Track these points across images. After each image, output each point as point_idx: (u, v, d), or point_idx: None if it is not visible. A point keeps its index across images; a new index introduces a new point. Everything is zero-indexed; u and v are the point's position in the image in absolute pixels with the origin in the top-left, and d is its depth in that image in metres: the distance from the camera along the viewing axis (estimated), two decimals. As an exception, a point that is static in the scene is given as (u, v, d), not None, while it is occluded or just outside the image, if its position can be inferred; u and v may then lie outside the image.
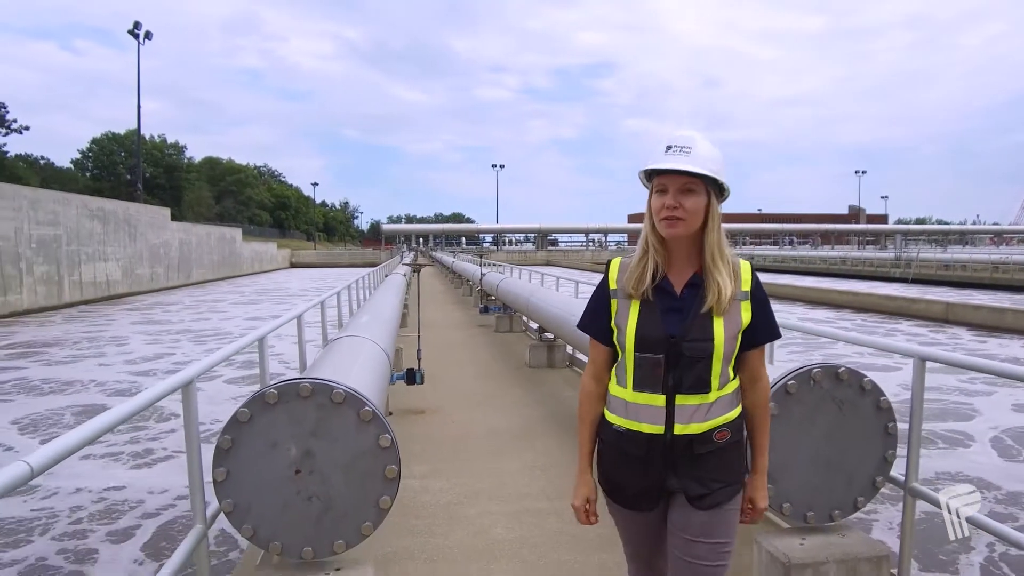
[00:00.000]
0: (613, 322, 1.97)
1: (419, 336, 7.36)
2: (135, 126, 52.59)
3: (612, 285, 1.99)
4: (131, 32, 44.37)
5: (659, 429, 1.88)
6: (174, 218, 44.42)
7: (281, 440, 2.69)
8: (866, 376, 3.11)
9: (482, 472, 5.22)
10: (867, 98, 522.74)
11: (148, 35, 45.51)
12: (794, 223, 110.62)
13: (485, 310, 14.76)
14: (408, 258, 34.75)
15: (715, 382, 1.88)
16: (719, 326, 1.86)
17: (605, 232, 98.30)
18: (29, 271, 25.87)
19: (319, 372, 3.23)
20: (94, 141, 73.66)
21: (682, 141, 1.86)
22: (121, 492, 6.80)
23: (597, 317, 2.02)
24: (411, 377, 6.49)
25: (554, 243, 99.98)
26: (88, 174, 71.30)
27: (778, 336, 2.02)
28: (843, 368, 3.08)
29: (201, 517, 2.69)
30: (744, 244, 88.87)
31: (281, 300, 31.13)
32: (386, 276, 15.88)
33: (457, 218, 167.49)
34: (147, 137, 69.33)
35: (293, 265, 71.93)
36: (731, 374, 1.93)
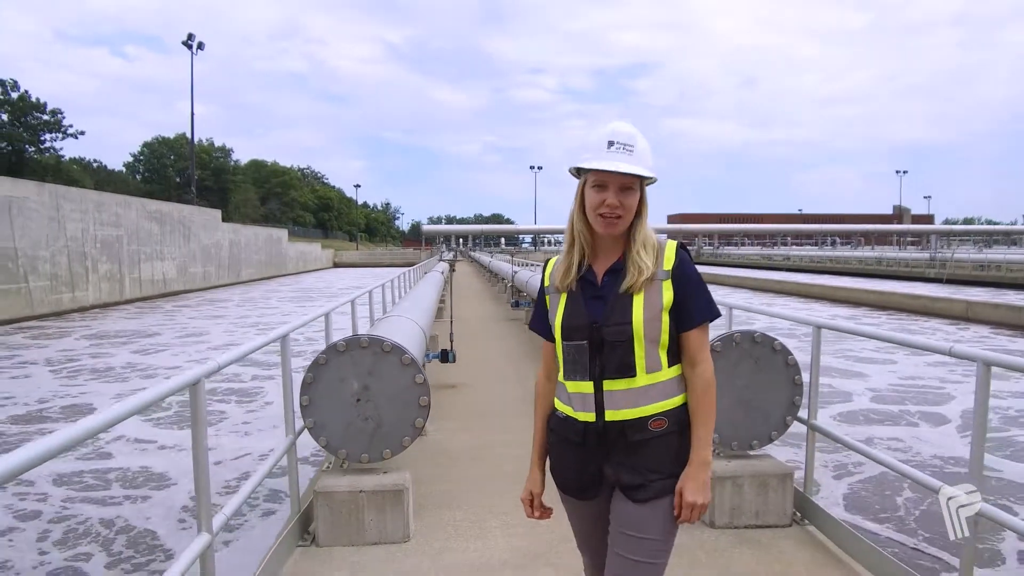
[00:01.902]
0: (549, 317, 2.03)
1: (451, 320, 8.52)
2: (184, 130, 55.34)
3: (546, 282, 2.07)
4: (185, 43, 46.66)
5: (591, 417, 1.91)
6: (223, 219, 46.41)
7: (346, 377, 3.85)
8: (777, 339, 4.15)
9: (500, 429, 6.34)
10: (912, 96, 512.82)
11: (200, 45, 47.73)
12: (836, 223, 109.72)
13: (516, 304, 15.84)
14: (447, 256, 36.14)
15: (640, 365, 1.88)
16: (638, 308, 1.87)
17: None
18: (94, 269, 27.78)
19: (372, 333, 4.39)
20: (145, 145, 76.58)
21: (624, 138, 1.87)
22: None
23: (540, 315, 2.09)
24: (445, 356, 7.63)
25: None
26: (139, 176, 74.18)
27: (714, 316, 1.98)
28: (758, 333, 4.13)
29: (291, 429, 3.85)
30: (785, 244, 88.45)
31: (333, 296, 32.68)
32: (425, 273, 17.11)
33: (496, 219, 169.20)
34: (196, 140, 71.93)
35: (336, 265, 74.02)
36: (664, 359, 1.91)
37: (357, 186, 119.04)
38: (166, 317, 24.04)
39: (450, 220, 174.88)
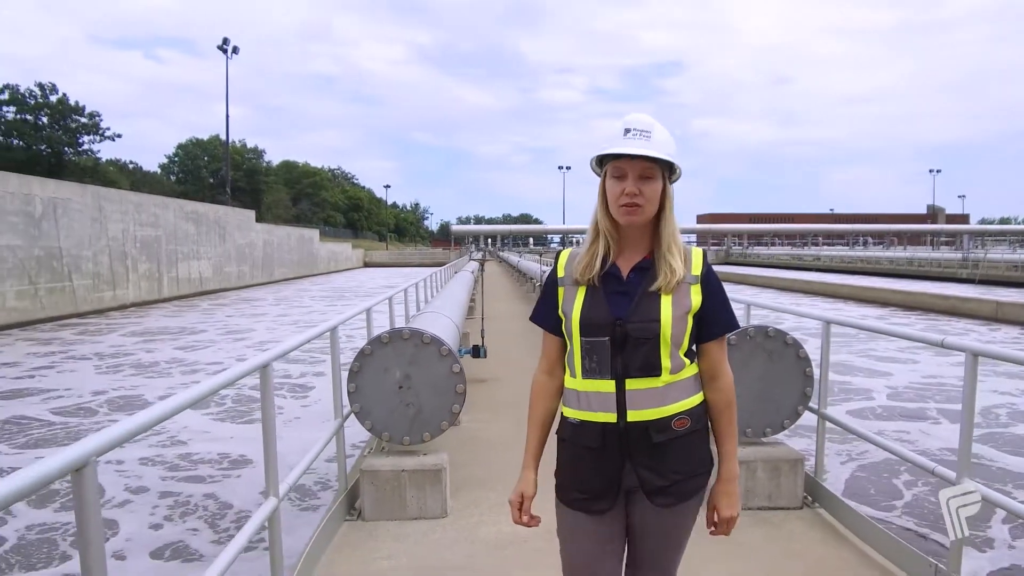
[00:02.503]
0: (560, 310, 1.96)
1: (483, 317, 8.88)
2: (216, 131, 56.43)
3: (560, 273, 1.99)
4: (220, 48, 47.62)
5: (612, 417, 1.84)
6: (256, 220, 47.33)
7: (390, 367, 4.21)
8: (789, 334, 4.44)
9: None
10: (945, 94, 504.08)
11: (235, 50, 48.67)
12: (869, 223, 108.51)
13: (544, 304, 16.18)
14: (477, 256, 36.73)
15: (665, 364, 1.84)
16: (666, 306, 1.83)
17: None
18: (134, 268, 28.62)
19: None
20: (179, 146, 78.05)
21: (641, 125, 1.83)
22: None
23: (546, 307, 2.02)
24: (476, 352, 7.98)
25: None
26: (173, 177, 75.65)
27: (734, 328, 1.97)
28: (771, 328, 4.42)
29: (339, 413, 4.22)
30: (816, 244, 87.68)
31: (365, 295, 33.30)
32: (455, 273, 17.51)
33: (525, 219, 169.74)
34: (229, 142, 73.11)
35: (366, 264, 74.94)
36: (685, 360, 1.88)
37: (387, 186, 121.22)
38: (205, 315, 24.72)
39: (479, 220, 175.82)
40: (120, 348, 16.51)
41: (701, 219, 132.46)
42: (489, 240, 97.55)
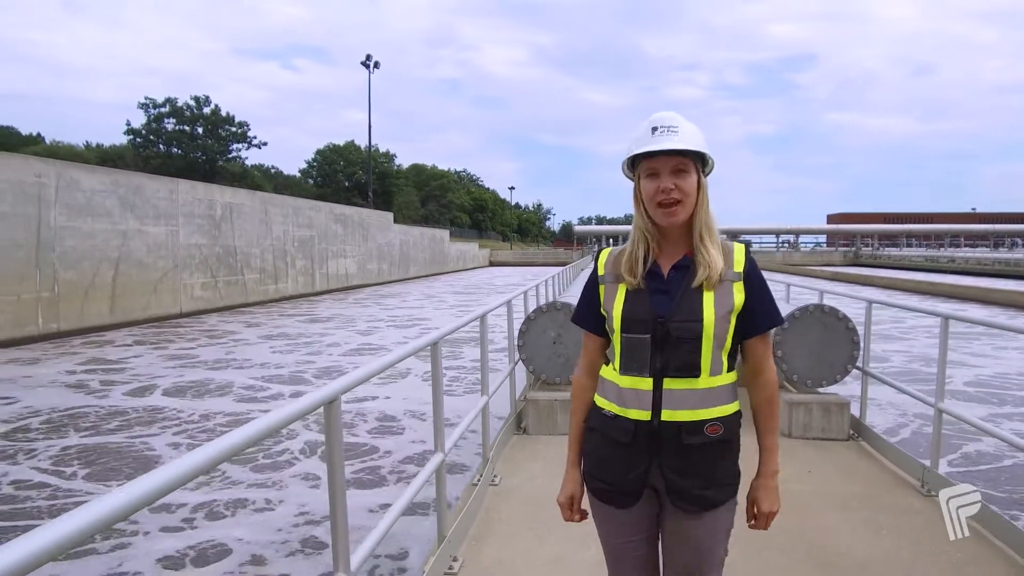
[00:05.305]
0: (602, 308, 1.97)
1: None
2: (349, 137, 59.98)
3: (600, 272, 2.00)
4: (363, 63, 51.61)
5: (646, 415, 1.84)
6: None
7: (547, 328, 6.08)
8: (840, 311, 5.97)
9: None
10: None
11: (377, 64, 52.50)
12: (1017, 223, 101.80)
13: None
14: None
15: (705, 366, 1.83)
16: (709, 304, 1.82)
17: (796, 233, 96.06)
18: (292, 264, 32.18)
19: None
20: (318, 152, 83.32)
21: (667, 122, 1.85)
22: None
23: (588, 308, 2.03)
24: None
25: (747, 244, 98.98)
26: (312, 181, 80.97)
27: (778, 323, 1.96)
28: (827, 306, 5.98)
29: (511, 359, 6.13)
30: (956, 245, 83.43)
31: (498, 290, 36.11)
32: (582, 271, 19.34)
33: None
34: (362, 147, 77.31)
35: (491, 264, 78.04)
36: (725, 363, 1.87)
37: (511, 188, 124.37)
38: (362, 307, 27.75)
39: (600, 220, 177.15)
40: (305, 331, 19.39)
41: (831, 219, 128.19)
42: (611, 240, 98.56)
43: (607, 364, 1.99)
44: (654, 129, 1.85)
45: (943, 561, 3.59)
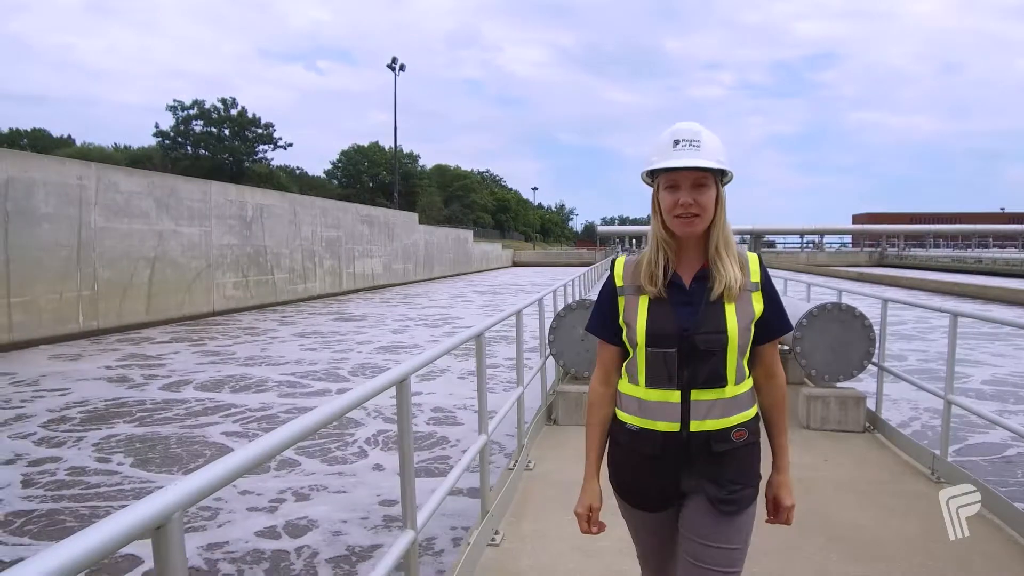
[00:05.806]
0: (621, 319, 1.95)
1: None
2: (374, 138, 59.98)
3: (619, 282, 1.98)
4: (389, 66, 52.23)
5: (675, 427, 1.86)
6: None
7: (575, 325, 6.41)
8: (857, 308, 6.25)
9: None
10: None
11: (403, 67, 53.12)
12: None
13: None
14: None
15: (731, 376, 1.87)
16: (731, 317, 1.85)
17: (821, 233, 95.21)
18: (320, 264, 32.77)
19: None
20: (343, 153, 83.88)
21: (689, 135, 1.84)
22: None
23: (605, 318, 2.01)
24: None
25: (770, 244, 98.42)
26: (337, 182, 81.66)
27: (788, 330, 2.00)
28: (844, 304, 6.27)
29: (543, 354, 6.47)
30: (985, 246, 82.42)
31: (523, 290, 36.51)
32: (606, 272, 19.69)
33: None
34: (386, 148, 77.66)
35: (515, 264, 78.37)
36: (746, 369, 1.92)
37: (535, 189, 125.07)
38: (390, 307, 28.20)
39: (623, 221, 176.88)
40: (337, 328, 19.88)
41: (857, 219, 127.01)
42: (634, 240, 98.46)
43: (621, 377, 2.00)
44: (676, 142, 1.84)
45: (948, 538, 3.88)
